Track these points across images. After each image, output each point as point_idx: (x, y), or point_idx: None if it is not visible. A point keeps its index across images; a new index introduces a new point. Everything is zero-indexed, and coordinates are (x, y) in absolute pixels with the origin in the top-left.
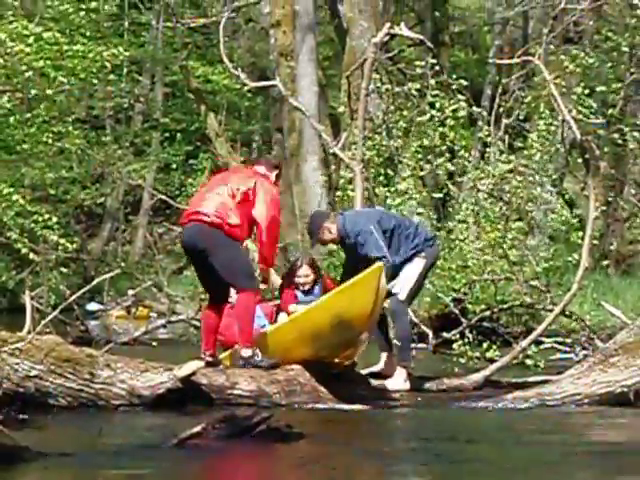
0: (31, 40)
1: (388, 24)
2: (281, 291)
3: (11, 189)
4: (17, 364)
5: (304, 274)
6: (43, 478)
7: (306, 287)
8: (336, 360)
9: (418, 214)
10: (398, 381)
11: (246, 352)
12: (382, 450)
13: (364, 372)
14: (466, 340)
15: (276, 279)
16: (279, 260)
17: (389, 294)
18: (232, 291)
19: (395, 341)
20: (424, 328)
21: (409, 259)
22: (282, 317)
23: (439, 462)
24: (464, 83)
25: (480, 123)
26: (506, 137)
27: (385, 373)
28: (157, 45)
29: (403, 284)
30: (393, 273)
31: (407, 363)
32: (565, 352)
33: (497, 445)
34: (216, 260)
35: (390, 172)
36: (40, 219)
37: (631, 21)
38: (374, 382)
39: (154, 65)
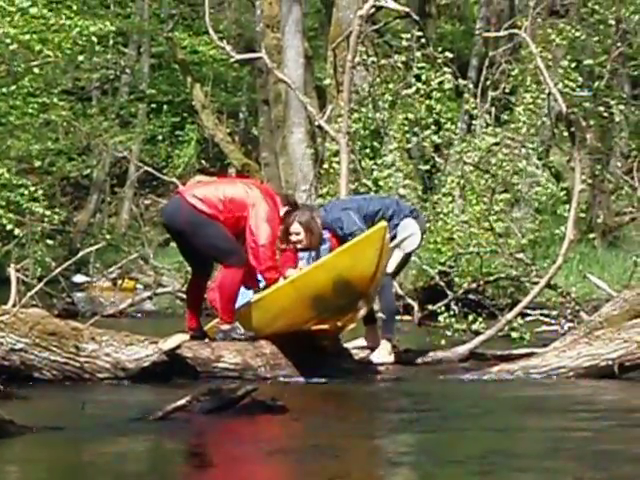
0: (17, 17)
1: None
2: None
3: None
4: (2, 337)
5: (295, 231)
6: (28, 452)
7: (301, 245)
8: (338, 323)
9: (404, 186)
10: (382, 354)
11: (225, 326)
12: (367, 424)
13: (349, 345)
14: (452, 312)
15: None
16: None
17: None
18: None
19: (379, 314)
20: (410, 300)
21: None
22: (290, 271)
23: (424, 435)
24: (450, 55)
25: (466, 95)
26: (492, 110)
27: (369, 346)
28: (143, 16)
29: (389, 258)
30: None
31: (391, 336)
32: (550, 324)
33: (482, 417)
34: (197, 240)
35: (376, 145)
36: (26, 192)
37: None
38: (358, 354)
39: (140, 36)
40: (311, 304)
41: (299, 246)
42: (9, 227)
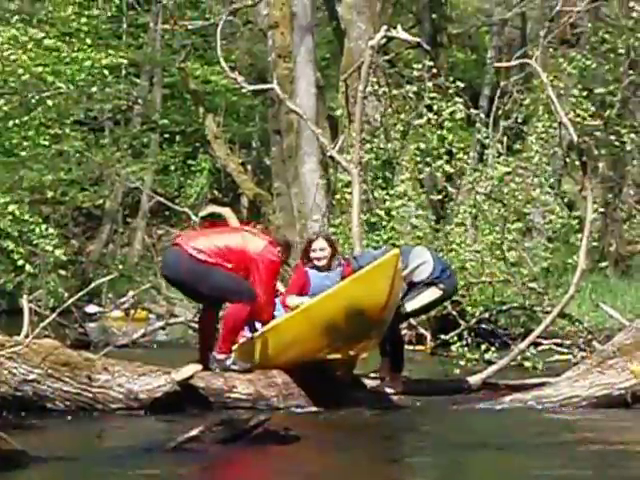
0: (30, 45)
1: (385, 26)
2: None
3: (7, 198)
4: (15, 368)
5: (319, 247)
6: None
7: (322, 262)
8: (351, 352)
9: (416, 217)
10: (393, 383)
11: (221, 356)
12: (379, 453)
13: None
14: (464, 342)
15: None
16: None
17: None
18: None
19: (387, 346)
20: (422, 330)
21: (426, 285)
22: (292, 299)
23: (436, 465)
24: (461, 85)
25: (478, 125)
26: (504, 139)
27: (381, 376)
28: (155, 47)
29: (413, 302)
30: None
31: (401, 366)
32: (563, 354)
33: (495, 448)
34: (203, 288)
35: (388, 175)
36: (37, 230)
37: (628, 23)
38: (369, 384)
39: (152, 67)
40: (324, 332)
41: (320, 263)
42: (20, 262)
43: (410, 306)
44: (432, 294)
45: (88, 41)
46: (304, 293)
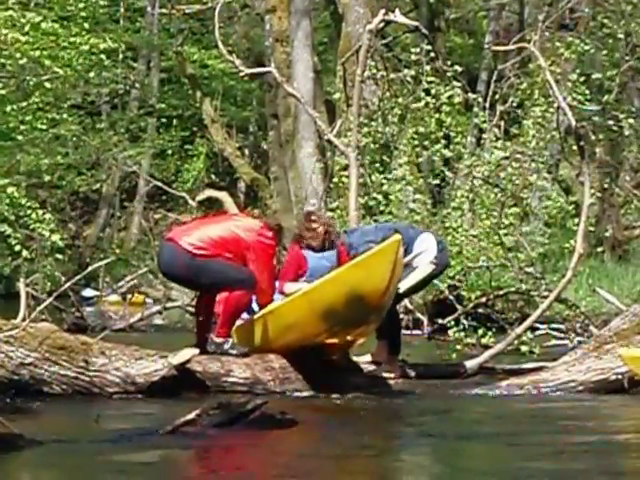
0: (27, 28)
1: (383, 10)
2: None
3: (5, 180)
4: (12, 352)
5: (313, 219)
6: (38, 465)
7: (315, 242)
8: (349, 337)
9: (414, 201)
10: (390, 367)
11: (219, 339)
12: (376, 438)
13: (358, 359)
14: (461, 327)
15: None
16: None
17: None
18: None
19: (384, 329)
20: (419, 315)
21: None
22: (289, 287)
23: (433, 451)
24: (459, 69)
25: (476, 109)
26: (502, 123)
27: (377, 360)
28: (153, 31)
29: (406, 281)
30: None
31: (398, 350)
32: (560, 338)
33: (490, 434)
34: (202, 280)
35: (386, 159)
36: (33, 215)
37: (627, 8)
38: (367, 368)
39: (150, 51)
40: (323, 317)
41: (314, 243)
42: (17, 248)
43: (403, 285)
44: (424, 270)
45: (86, 26)
46: (301, 274)
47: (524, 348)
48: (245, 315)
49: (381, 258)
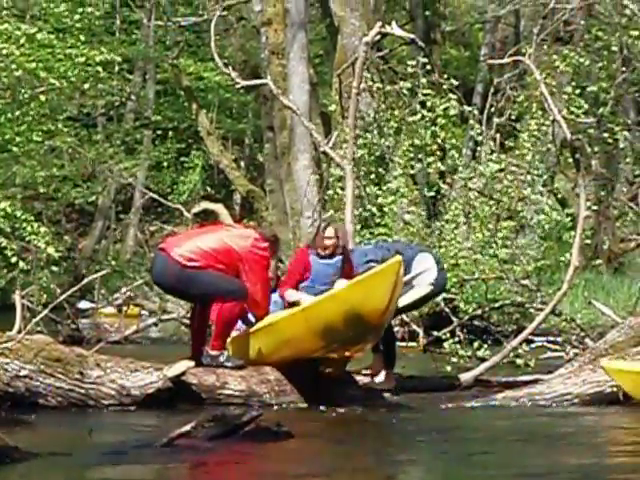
0: (23, 40)
1: (379, 23)
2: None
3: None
4: (7, 364)
5: (328, 235)
6: (33, 478)
7: (327, 251)
8: (347, 353)
9: (409, 213)
10: (386, 379)
11: (214, 352)
12: (370, 450)
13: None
14: (457, 339)
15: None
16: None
17: None
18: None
19: (380, 343)
20: (415, 327)
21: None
22: (290, 294)
23: (426, 463)
24: (455, 82)
25: (471, 122)
26: (497, 136)
27: (372, 372)
28: (148, 43)
29: (403, 298)
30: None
31: (393, 362)
32: (556, 351)
33: (486, 446)
34: (193, 292)
35: (381, 171)
36: (28, 228)
37: (621, 20)
38: (361, 380)
39: (145, 63)
40: (321, 334)
41: (326, 252)
42: (13, 260)
43: (401, 302)
44: (422, 290)
45: (82, 38)
46: (305, 278)
47: (520, 361)
48: (241, 324)
49: (382, 278)
